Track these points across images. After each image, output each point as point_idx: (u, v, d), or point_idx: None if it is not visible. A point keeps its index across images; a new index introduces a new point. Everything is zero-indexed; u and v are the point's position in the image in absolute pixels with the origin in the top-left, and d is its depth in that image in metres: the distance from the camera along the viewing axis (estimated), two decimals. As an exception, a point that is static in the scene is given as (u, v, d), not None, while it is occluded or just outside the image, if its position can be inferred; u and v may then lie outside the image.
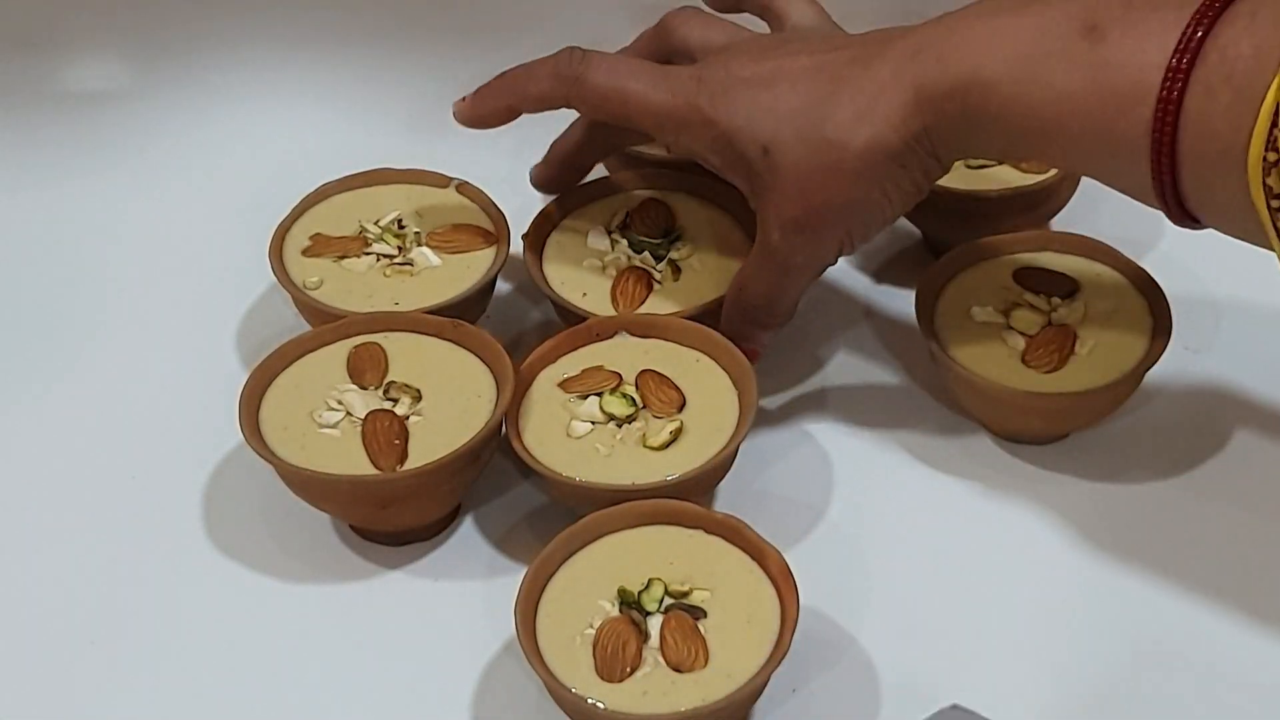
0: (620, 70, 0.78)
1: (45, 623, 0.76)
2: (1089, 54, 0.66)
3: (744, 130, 0.74)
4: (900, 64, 0.71)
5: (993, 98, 0.68)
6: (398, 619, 0.76)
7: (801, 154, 0.73)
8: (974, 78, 0.69)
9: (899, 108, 0.71)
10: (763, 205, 0.75)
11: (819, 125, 0.72)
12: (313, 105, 1.00)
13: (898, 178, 0.73)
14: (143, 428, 0.85)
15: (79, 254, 0.95)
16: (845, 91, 0.72)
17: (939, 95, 0.70)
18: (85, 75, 0.99)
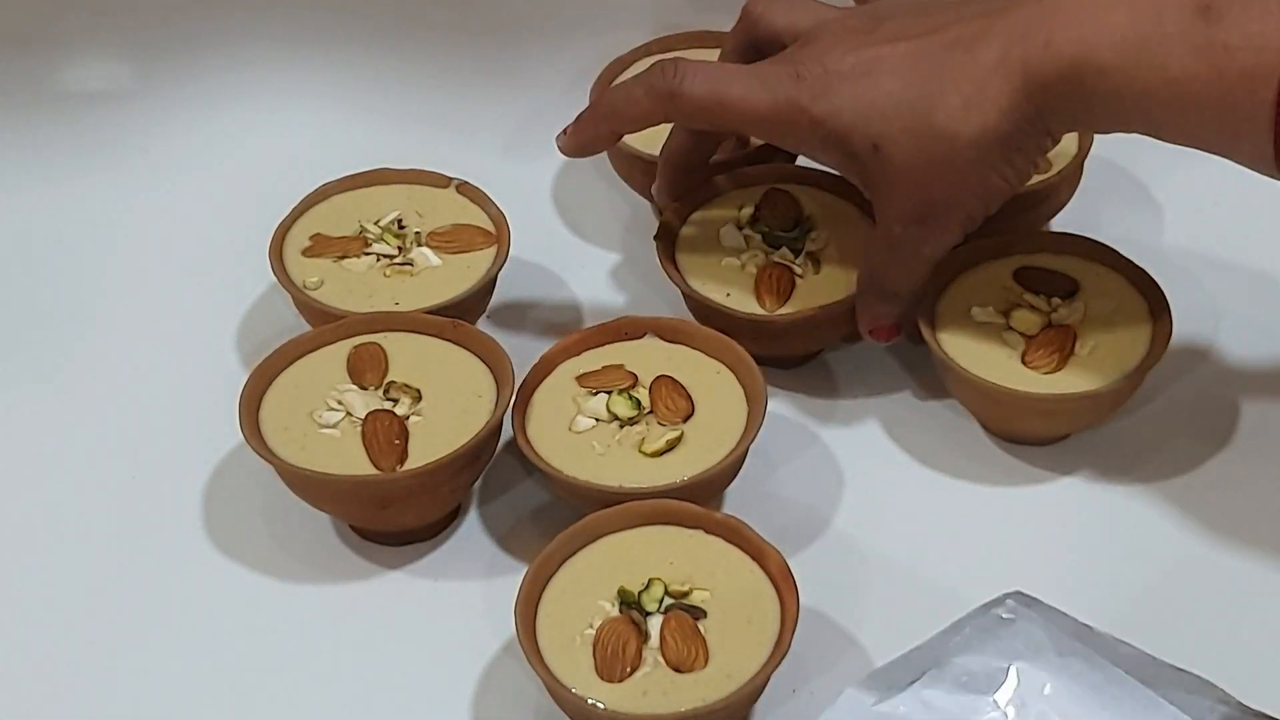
0: (716, 78, 0.77)
1: (45, 623, 0.76)
2: (1205, 35, 0.66)
3: (852, 128, 0.74)
4: (1006, 47, 0.71)
5: (1105, 82, 0.68)
6: (398, 619, 0.76)
7: (913, 148, 0.73)
8: (1086, 62, 0.69)
9: (1008, 93, 0.71)
10: (879, 199, 0.76)
11: (927, 117, 0.72)
12: (313, 105, 1.00)
13: (1013, 159, 0.73)
14: (143, 428, 0.85)
15: (79, 254, 0.95)
16: (950, 79, 0.72)
17: (1050, 79, 0.70)
18: (85, 75, 0.99)
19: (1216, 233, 0.92)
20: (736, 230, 0.85)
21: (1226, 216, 0.93)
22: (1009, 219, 0.86)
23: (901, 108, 0.73)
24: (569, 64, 0.99)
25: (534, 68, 1.00)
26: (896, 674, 0.57)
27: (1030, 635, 0.57)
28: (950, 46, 0.72)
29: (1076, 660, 0.56)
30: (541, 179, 0.98)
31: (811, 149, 0.77)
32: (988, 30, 0.72)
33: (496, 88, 1.00)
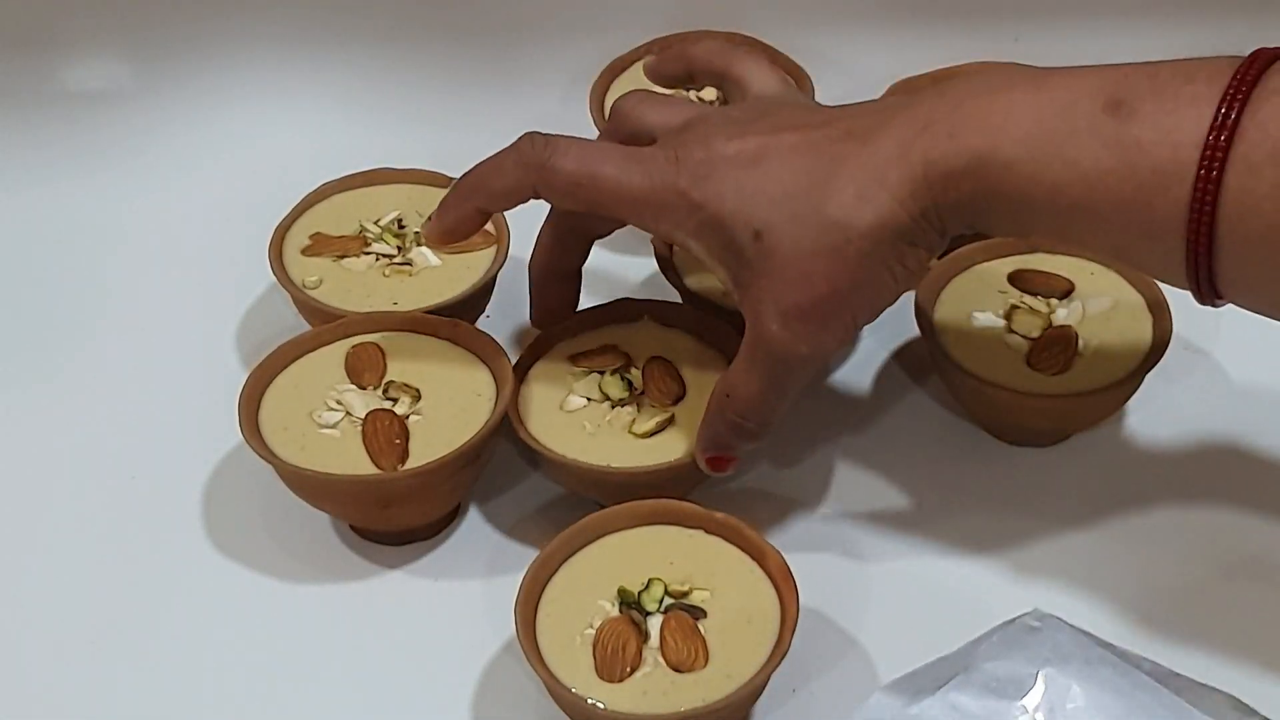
0: (590, 154, 0.71)
1: (45, 623, 0.76)
2: (1117, 131, 0.62)
3: (734, 214, 0.68)
4: (905, 138, 0.66)
5: (1011, 176, 0.64)
6: (398, 619, 0.76)
7: (801, 236, 0.67)
8: (992, 154, 0.64)
9: (907, 183, 0.65)
10: (753, 295, 0.68)
11: (819, 205, 0.66)
12: (313, 105, 1.00)
13: (904, 256, 0.67)
14: (143, 428, 0.85)
15: (79, 254, 0.95)
16: (845, 168, 0.66)
17: (951, 171, 0.65)
18: (85, 75, 0.99)
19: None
20: None
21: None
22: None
23: (790, 195, 0.67)
24: (569, 64, 0.99)
25: (534, 68, 1.00)
26: (924, 679, 0.58)
27: (1058, 643, 0.57)
28: (844, 138, 0.67)
29: (1105, 667, 0.56)
30: (541, 179, 0.98)
31: (685, 234, 0.70)
32: (885, 123, 0.67)
33: (496, 88, 1.00)
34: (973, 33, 0.97)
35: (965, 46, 0.95)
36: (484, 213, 0.76)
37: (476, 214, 0.76)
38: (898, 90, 0.92)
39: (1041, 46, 0.97)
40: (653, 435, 0.76)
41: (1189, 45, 0.98)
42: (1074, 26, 0.99)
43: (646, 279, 0.90)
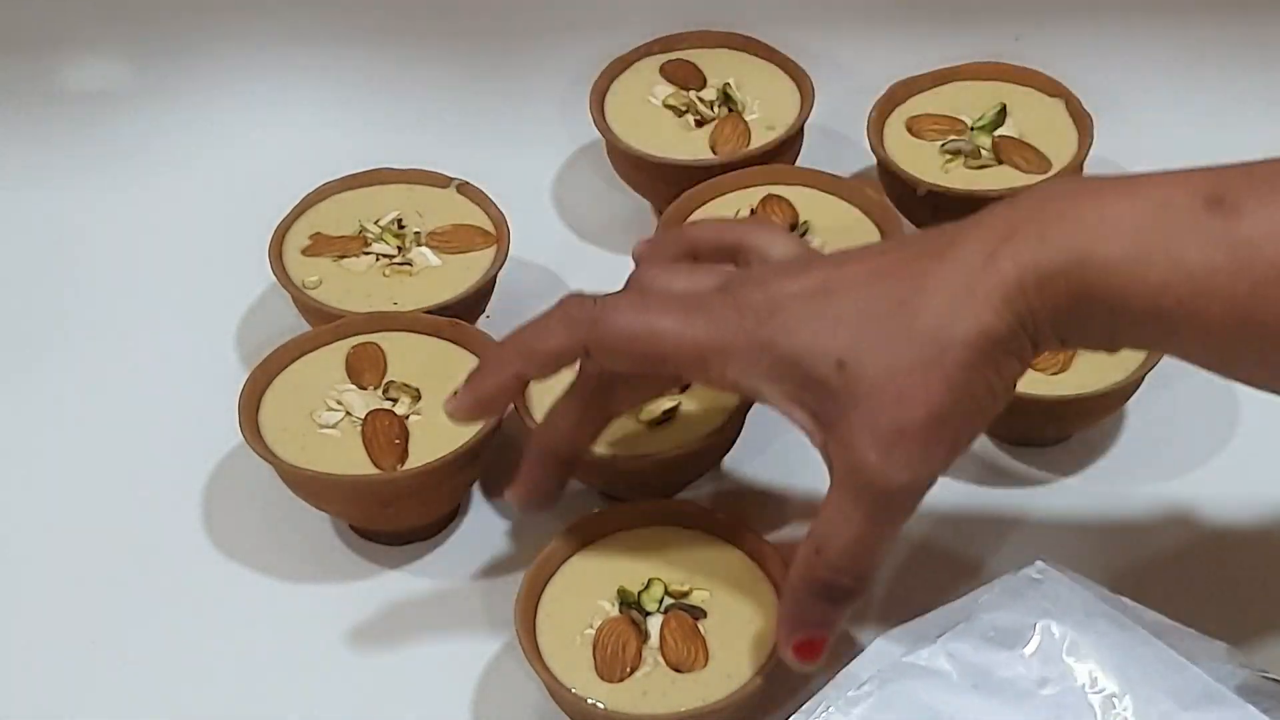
0: (645, 306, 0.65)
1: (45, 623, 0.76)
2: (1224, 228, 0.57)
3: (810, 347, 0.61)
4: (989, 246, 0.60)
5: (1111, 277, 0.58)
6: (398, 619, 0.76)
7: (892, 356, 0.60)
8: (1088, 253, 0.58)
9: (998, 289, 0.59)
10: (841, 431, 0.61)
11: (908, 322, 0.60)
12: (313, 105, 1.00)
13: (1001, 367, 0.60)
14: (143, 428, 0.85)
15: (79, 253, 0.95)
16: (929, 283, 0.60)
17: (1046, 274, 0.59)
18: (85, 75, 0.99)
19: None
20: None
21: (1226, 216, 0.93)
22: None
23: (872, 318, 0.61)
24: (569, 64, 0.99)
25: (534, 68, 1.00)
26: (925, 628, 0.58)
27: (1058, 595, 0.57)
28: (919, 258, 0.61)
29: (1103, 620, 0.56)
30: (541, 179, 0.98)
31: (758, 379, 0.63)
32: (960, 237, 0.61)
33: (496, 88, 1.00)
34: (973, 33, 0.97)
35: (965, 46, 0.95)
36: (523, 380, 0.68)
37: (515, 381, 0.68)
38: (898, 90, 0.92)
39: (1041, 46, 0.97)
40: (659, 423, 0.76)
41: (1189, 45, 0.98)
42: (1074, 26, 0.99)
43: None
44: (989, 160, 0.89)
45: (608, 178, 0.95)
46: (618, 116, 0.93)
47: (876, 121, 0.91)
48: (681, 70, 0.96)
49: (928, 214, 0.89)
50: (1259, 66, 0.98)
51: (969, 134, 0.90)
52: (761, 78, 0.95)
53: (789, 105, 0.93)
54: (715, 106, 0.93)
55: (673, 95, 0.94)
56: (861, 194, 0.87)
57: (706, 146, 0.91)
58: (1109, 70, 0.97)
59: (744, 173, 0.88)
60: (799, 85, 0.94)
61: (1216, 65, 0.98)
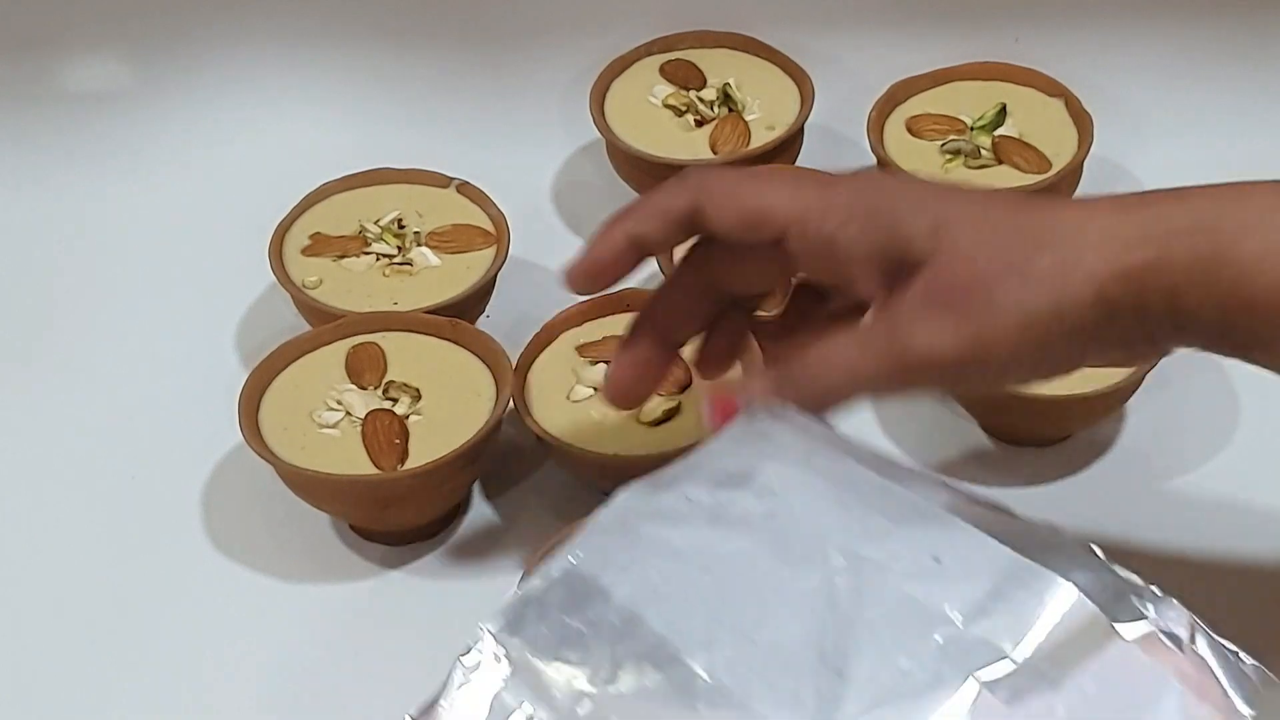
0: (753, 174, 0.63)
1: (45, 623, 0.76)
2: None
3: (911, 207, 0.58)
4: (1120, 199, 0.57)
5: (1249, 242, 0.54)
6: (398, 619, 0.76)
7: (982, 241, 0.57)
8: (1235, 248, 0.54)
9: (1119, 239, 0.55)
10: (905, 288, 0.58)
11: (1009, 219, 0.57)
12: (313, 105, 1.00)
13: (1085, 320, 0.56)
14: (143, 428, 0.85)
15: (79, 254, 0.95)
16: (1048, 212, 0.57)
17: (1175, 230, 0.54)
18: (85, 75, 0.99)
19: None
20: None
21: (1226, 216, 0.93)
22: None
23: (980, 203, 0.58)
24: (569, 64, 0.99)
25: (534, 68, 1.00)
26: (664, 477, 0.58)
27: (781, 438, 0.58)
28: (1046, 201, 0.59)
29: (820, 457, 0.57)
30: (541, 179, 0.98)
31: (848, 233, 0.59)
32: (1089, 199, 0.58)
33: (496, 88, 1.00)
34: (973, 33, 0.97)
35: (965, 46, 0.95)
36: (637, 242, 0.63)
37: (629, 243, 0.64)
38: (898, 90, 0.92)
39: (1041, 46, 0.97)
40: (660, 423, 0.76)
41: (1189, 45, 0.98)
42: (1074, 27, 0.99)
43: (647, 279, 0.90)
44: (989, 160, 0.89)
45: (608, 178, 0.95)
46: (618, 116, 0.93)
47: (876, 121, 0.91)
48: (681, 70, 0.96)
49: (928, 214, 0.89)
50: (1259, 66, 0.98)
51: (969, 134, 0.90)
52: (761, 78, 0.95)
53: (789, 105, 0.93)
54: (715, 106, 0.93)
55: (673, 95, 0.94)
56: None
57: (706, 146, 0.91)
58: (1109, 70, 0.97)
59: (743, 173, 0.88)
60: (799, 85, 0.94)
61: (1216, 65, 0.98)
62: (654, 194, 0.63)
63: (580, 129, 0.96)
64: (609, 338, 0.80)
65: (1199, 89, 0.98)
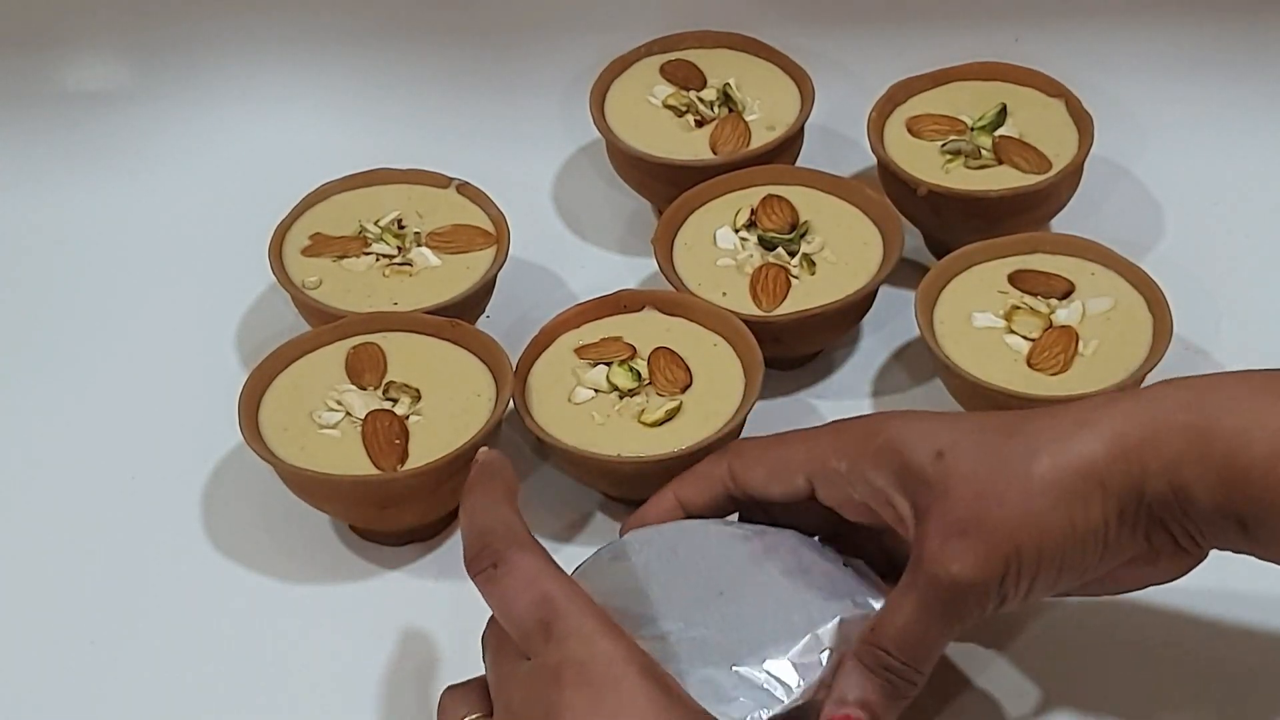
0: (775, 436, 0.69)
1: (45, 623, 0.76)
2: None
3: (917, 435, 0.62)
4: (1112, 399, 0.61)
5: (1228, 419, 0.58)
6: (398, 619, 0.76)
7: (982, 460, 0.61)
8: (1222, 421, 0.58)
9: (1111, 425, 0.60)
10: (925, 520, 0.61)
11: (1006, 436, 0.61)
12: (313, 105, 1.00)
13: (1093, 509, 0.59)
14: (143, 428, 0.85)
15: (79, 254, 0.95)
16: (1040, 417, 0.61)
17: (1171, 427, 0.59)
18: (85, 75, 0.99)
19: (1216, 233, 0.92)
20: (733, 233, 0.86)
21: (1226, 216, 0.93)
22: (1009, 219, 0.87)
23: (978, 428, 0.62)
24: (569, 64, 0.99)
25: (534, 68, 1.00)
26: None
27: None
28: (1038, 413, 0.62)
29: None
30: (541, 179, 0.98)
31: (864, 464, 0.64)
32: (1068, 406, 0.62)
33: (496, 88, 1.00)
34: (973, 33, 0.97)
35: (965, 46, 0.95)
36: (683, 505, 0.70)
37: (675, 505, 0.70)
38: (898, 90, 0.92)
39: (1042, 46, 0.97)
40: (662, 424, 0.76)
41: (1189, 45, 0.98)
42: (1074, 26, 0.99)
43: (647, 279, 0.90)
44: (989, 160, 0.89)
45: (608, 178, 0.95)
46: (618, 116, 0.93)
47: (876, 121, 0.91)
48: (681, 70, 0.96)
49: (928, 214, 0.89)
50: (1259, 66, 0.98)
51: (969, 134, 0.90)
52: (761, 78, 0.95)
53: (789, 105, 0.93)
54: (715, 107, 0.93)
55: (673, 95, 0.94)
56: (861, 194, 0.87)
57: (706, 146, 0.91)
58: (1109, 70, 0.97)
59: (744, 173, 0.88)
60: (799, 85, 0.94)
61: (1216, 65, 0.98)
62: (700, 463, 0.70)
63: (580, 129, 0.96)
64: (607, 339, 0.80)
65: (1199, 89, 0.98)
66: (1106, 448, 0.59)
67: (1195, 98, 0.98)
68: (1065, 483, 0.59)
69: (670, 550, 0.66)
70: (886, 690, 0.61)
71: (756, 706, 0.61)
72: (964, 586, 0.60)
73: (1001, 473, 0.60)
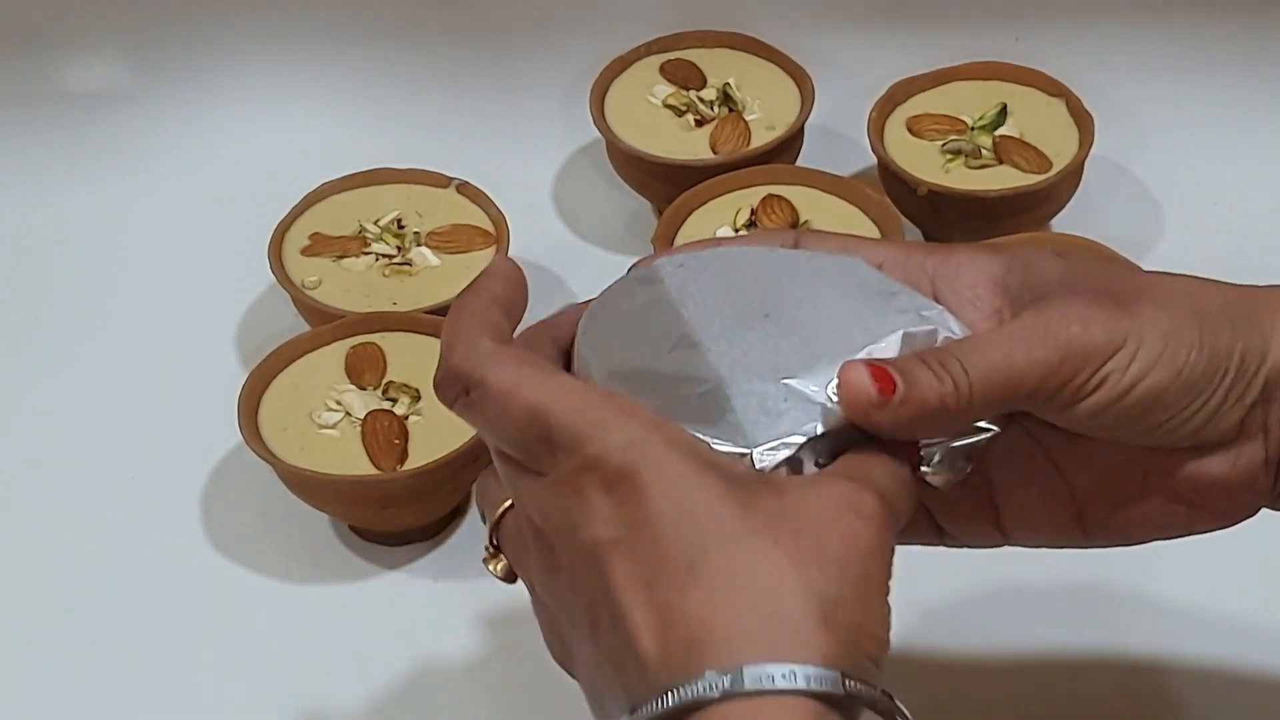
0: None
1: (45, 622, 0.76)
2: None
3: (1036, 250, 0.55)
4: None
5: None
6: (398, 619, 0.76)
7: (1108, 269, 0.55)
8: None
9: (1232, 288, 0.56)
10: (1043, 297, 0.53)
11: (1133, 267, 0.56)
12: (313, 105, 1.00)
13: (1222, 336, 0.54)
14: (143, 428, 0.85)
15: (79, 254, 0.95)
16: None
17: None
18: (85, 75, 0.99)
19: (1216, 233, 0.92)
20: (733, 233, 0.86)
21: (1226, 216, 0.93)
22: (1009, 219, 0.87)
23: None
24: (569, 64, 0.99)
25: (534, 68, 1.00)
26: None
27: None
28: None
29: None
30: (541, 179, 0.98)
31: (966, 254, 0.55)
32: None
33: (496, 88, 1.00)
34: (973, 33, 0.97)
35: (965, 46, 0.95)
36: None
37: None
38: (898, 90, 0.92)
39: (1042, 46, 0.97)
40: None
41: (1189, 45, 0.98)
42: (1074, 26, 0.99)
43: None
44: (989, 160, 0.89)
45: (608, 178, 0.95)
46: (617, 116, 0.93)
47: (876, 121, 0.91)
48: (681, 70, 0.96)
49: (928, 214, 0.89)
50: (1259, 66, 0.98)
51: (969, 134, 0.90)
52: (761, 78, 0.95)
53: (789, 105, 0.93)
54: (715, 106, 0.93)
55: (673, 95, 0.94)
56: (861, 194, 0.87)
57: (706, 146, 0.91)
58: (1109, 70, 0.97)
59: (744, 173, 0.88)
60: (799, 85, 0.94)
61: (1217, 65, 0.98)
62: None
63: (580, 129, 0.96)
64: None
65: (1199, 89, 0.98)
66: (1238, 295, 0.55)
67: (1195, 98, 0.98)
68: (1199, 303, 0.54)
69: (708, 271, 0.57)
70: (930, 386, 0.50)
71: (808, 419, 0.51)
72: (1088, 351, 0.51)
73: (1134, 278, 0.54)
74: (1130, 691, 0.71)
